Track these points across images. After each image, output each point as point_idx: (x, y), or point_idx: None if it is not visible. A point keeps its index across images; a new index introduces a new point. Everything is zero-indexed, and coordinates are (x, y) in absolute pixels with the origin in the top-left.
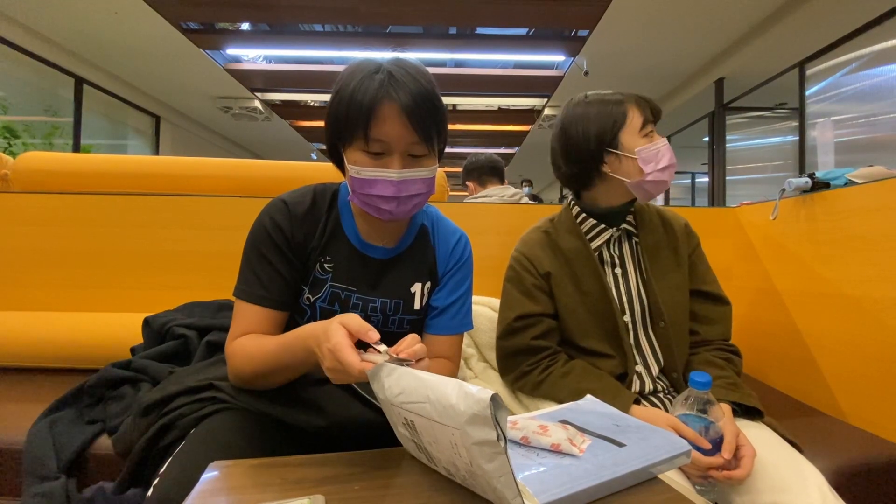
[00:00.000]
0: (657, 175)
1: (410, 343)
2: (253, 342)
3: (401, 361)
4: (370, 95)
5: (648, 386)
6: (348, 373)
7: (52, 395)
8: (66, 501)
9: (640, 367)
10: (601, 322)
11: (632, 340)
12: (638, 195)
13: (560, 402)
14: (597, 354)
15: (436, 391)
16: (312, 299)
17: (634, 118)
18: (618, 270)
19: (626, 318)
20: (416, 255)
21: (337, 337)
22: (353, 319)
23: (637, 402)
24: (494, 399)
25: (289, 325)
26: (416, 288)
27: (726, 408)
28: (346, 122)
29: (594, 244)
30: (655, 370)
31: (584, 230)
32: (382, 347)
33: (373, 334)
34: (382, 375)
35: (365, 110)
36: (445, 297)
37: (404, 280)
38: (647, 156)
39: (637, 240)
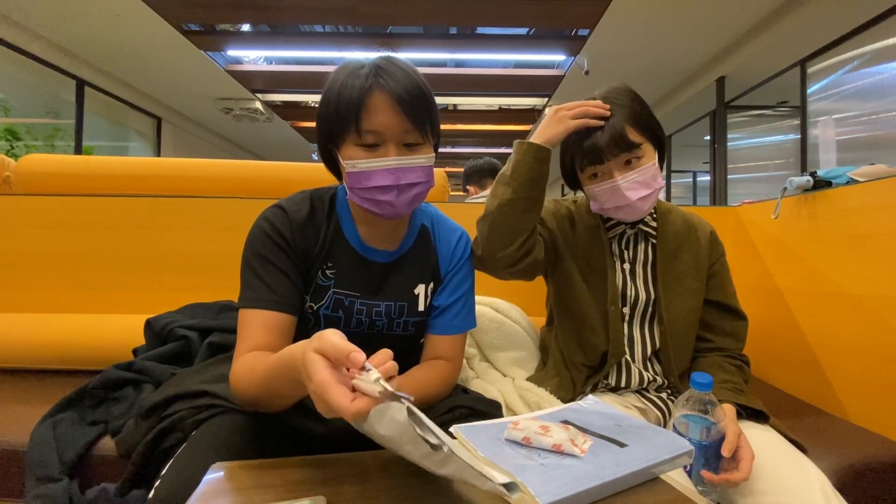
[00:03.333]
0: (607, 212)
1: (382, 360)
2: (251, 362)
3: (397, 396)
4: (358, 88)
5: (647, 377)
6: (343, 416)
7: (55, 396)
8: (68, 503)
9: (627, 357)
10: (597, 300)
11: (626, 331)
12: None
13: (492, 199)
14: (586, 324)
15: (378, 420)
16: (315, 307)
17: (578, 157)
18: (626, 266)
19: (626, 309)
20: (418, 257)
21: (318, 375)
22: (329, 343)
23: (642, 390)
24: (409, 410)
25: (294, 335)
26: (420, 289)
27: (730, 408)
28: (336, 118)
29: (609, 234)
30: (648, 366)
31: (602, 217)
32: (373, 376)
33: (356, 357)
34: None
35: (354, 103)
36: (448, 296)
37: (408, 282)
38: (592, 196)
39: (654, 241)
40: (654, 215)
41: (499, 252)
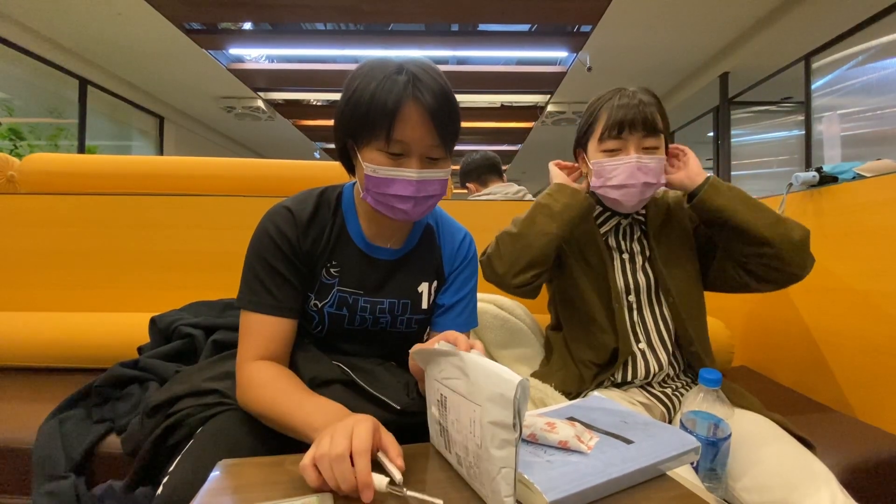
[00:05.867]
0: (607, 191)
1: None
2: (262, 378)
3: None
4: (395, 96)
5: (653, 367)
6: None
7: (61, 394)
8: (75, 500)
9: (643, 345)
10: (601, 298)
11: (635, 318)
12: (604, 201)
13: (530, 224)
14: (595, 323)
15: (473, 368)
16: (320, 305)
17: (599, 128)
18: (625, 256)
19: (632, 297)
20: (422, 255)
21: (364, 440)
22: (390, 437)
23: (646, 382)
24: (522, 384)
25: (299, 332)
26: (424, 287)
27: None
28: (367, 121)
29: (602, 229)
30: (666, 348)
31: (594, 215)
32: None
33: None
34: (441, 359)
35: (389, 111)
36: (452, 296)
37: (412, 280)
38: (599, 170)
39: (645, 228)
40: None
41: (519, 275)
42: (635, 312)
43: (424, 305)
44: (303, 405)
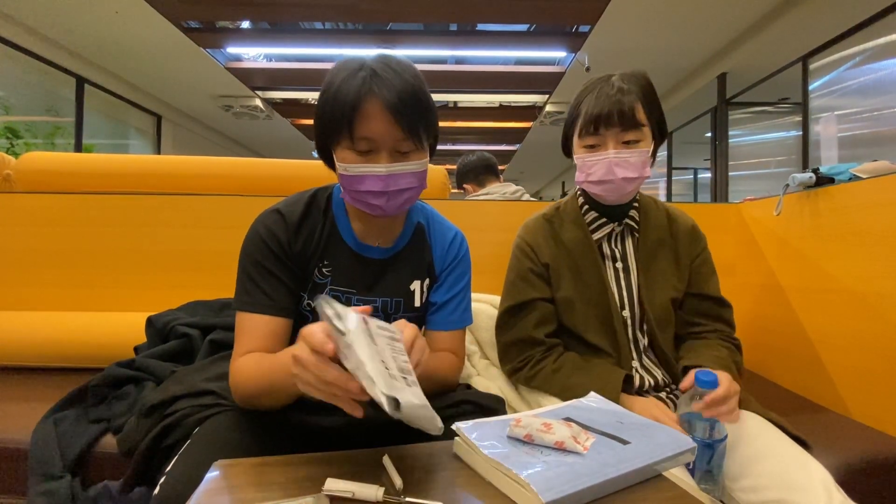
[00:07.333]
0: (588, 186)
1: (410, 337)
2: (252, 360)
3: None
4: (353, 93)
5: (648, 382)
6: (312, 344)
7: (57, 394)
8: (71, 500)
9: (635, 363)
10: (599, 315)
11: (630, 336)
12: (590, 195)
13: (553, 396)
14: (596, 349)
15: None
16: (313, 305)
17: (581, 122)
18: (619, 265)
19: (626, 313)
20: (413, 254)
21: (309, 328)
22: (313, 335)
23: (639, 392)
24: (324, 298)
25: (291, 335)
26: (416, 286)
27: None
28: (332, 121)
29: (595, 236)
30: (657, 370)
31: (587, 221)
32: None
33: (329, 347)
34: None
35: (349, 108)
36: (444, 293)
37: (403, 279)
38: (581, 165)
39: (638, 236)
40: (637, 209)
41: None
42: (629, 330)
43: (417, 303)
44: (281, 354)
